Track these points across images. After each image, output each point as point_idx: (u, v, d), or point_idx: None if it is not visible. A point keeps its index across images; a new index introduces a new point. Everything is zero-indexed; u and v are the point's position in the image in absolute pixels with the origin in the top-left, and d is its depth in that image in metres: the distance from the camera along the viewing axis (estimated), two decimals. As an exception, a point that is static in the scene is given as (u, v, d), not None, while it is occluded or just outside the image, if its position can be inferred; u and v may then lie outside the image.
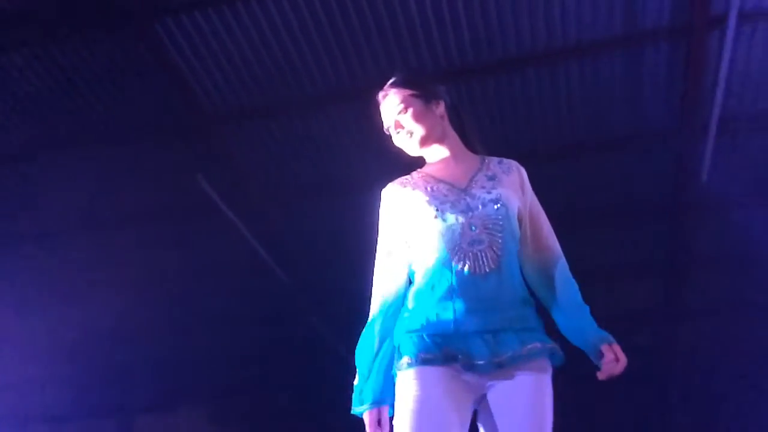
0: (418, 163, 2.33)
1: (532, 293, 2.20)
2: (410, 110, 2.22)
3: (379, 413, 2.10)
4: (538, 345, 2.05)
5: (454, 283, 2.07)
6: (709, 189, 5.56)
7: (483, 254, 2.08)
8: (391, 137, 2.29)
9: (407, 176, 2.26)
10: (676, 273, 6.91)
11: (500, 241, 2.10)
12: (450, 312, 2.05)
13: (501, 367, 2.01)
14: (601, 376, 2.03)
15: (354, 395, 2.14)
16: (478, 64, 4.89)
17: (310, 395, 8.14)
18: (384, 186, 2.28)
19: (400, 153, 2.32)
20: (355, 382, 2.15)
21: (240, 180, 5.76)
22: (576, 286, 2.20)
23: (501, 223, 2.12)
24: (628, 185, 5.97)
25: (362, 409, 2.11)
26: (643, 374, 7.38)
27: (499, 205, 2.14)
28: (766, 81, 4.96)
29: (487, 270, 2.07)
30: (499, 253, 2.09)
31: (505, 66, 4.95)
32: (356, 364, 2.16)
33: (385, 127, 2.29)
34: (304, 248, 6.53)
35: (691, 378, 8.23)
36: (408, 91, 2.25)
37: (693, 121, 5.25)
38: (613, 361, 2.02)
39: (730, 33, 4.36)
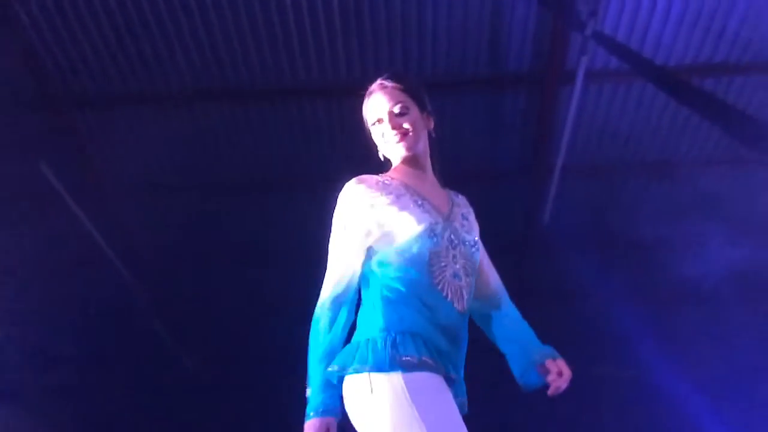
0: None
1: None
2: (411, 113, 2.17)
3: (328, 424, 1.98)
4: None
5: (437, 304, 2.03)
6: (550, 230, 5.94)
7: (460, 292, 2.07)
8: (370, 130, 2.21)
9: (382, 176, 2.16)
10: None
11: (470, 286, 2.11)
12: (435, 327, 2.02)
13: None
14: (550, 392, 2.04)
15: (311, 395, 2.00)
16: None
17: (145, 401, 7.79)
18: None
19: (261, 154, 2.30)
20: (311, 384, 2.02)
21: (89, 168, 5.50)
22: (519, 313, 2.25)
23: (475, 268, 2.14)
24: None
25: (307, 417, 1.98)
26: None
27: (474, 250, 2.15)
28: (609, 135, 5.40)
29: (460, 310, 2.06)
30: (466, 297, 2.09)
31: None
32: (310, 371, 2.04)
33: (374, 117, 2.19)
34: (153, 245, 6.30)
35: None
36: (410, 95, 2.20)
37: (541, 164, 5.61)
38: (558, 374, 2.04)
39: (578, 88, 4.71)
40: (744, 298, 5.94)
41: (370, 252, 2.09)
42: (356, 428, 1.97)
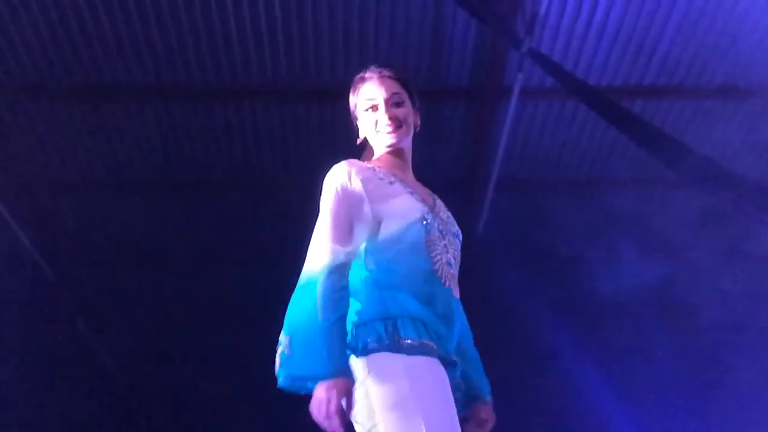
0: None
1: None
2: (406, 105, 2.17)
3: (348, 385, 1.83)
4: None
5: (436, 291, 2.01)
6: (482, 242, 6.04)
7: (455, 280, 2.08)
8: (358, 115, 2.19)
9: (367, 164, 2.14)
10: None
11: (456, 277, 2.11)
12: (436, 314, 1.98)
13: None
14: None
15: (304, 358, 1.84)
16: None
17: (63, 399, 7.53)
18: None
19: (193, 153, 2.27)
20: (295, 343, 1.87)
21: (10, 162, 5.32)
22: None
23: (459, 259, 2.14)
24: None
25: (329, 377, 1.80)
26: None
27: (459, 242, 2.17)
28: (542, 151, 5.54)
29: (457, 297, 2.07)
30: (457, 287, 2.09)
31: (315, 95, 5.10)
32: (291, 324, 1.90)
33: (368, 103, 2.16)
34: (77, 244, 6.13)
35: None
36: (405, 88, 2.19)
37: (476, 177, 5.70)
38: (480, 424, 2.13)
39: (513, 104, 4.82)
40: (659, 312, 6.19)
41: (364, 235, 2.03)
42: (349, 417, 1.88)
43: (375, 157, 2.20)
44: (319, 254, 1.96)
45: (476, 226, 6.01)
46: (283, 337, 1.90)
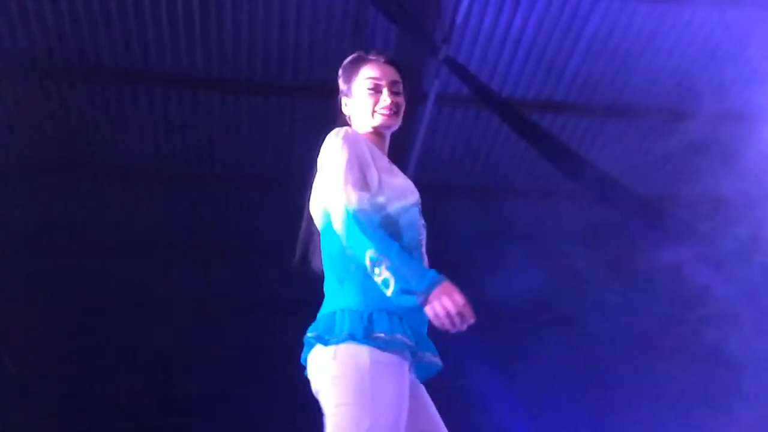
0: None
1: None
2: (402, 96, 2.18)
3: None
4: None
5: None
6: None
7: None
8: (354, 90, 2.16)
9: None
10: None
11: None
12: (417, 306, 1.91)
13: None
14: None
15: (407, 269, 1.79)
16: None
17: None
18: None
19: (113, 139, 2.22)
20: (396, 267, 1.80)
21: None
22: None
23: None
24: (262, 224, 6.19)
25: (440, 279, 1.80)
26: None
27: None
28: (454, 158, 5.66)
29: None
30: None
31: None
32: (379, 244, 1.82)
33: (371, 82, 2.14)
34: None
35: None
36: (403, 81, 2.19)
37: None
38: None
39: (428, 110, 4.91)
40: (551, 320, 6.43)
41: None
42: (316, 396, 1.93)
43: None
44: (348, 192, 1.90)
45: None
46: (375, 255, 1.82)
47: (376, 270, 1.82)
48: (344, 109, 2.20)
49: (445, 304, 1.79)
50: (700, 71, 4.96)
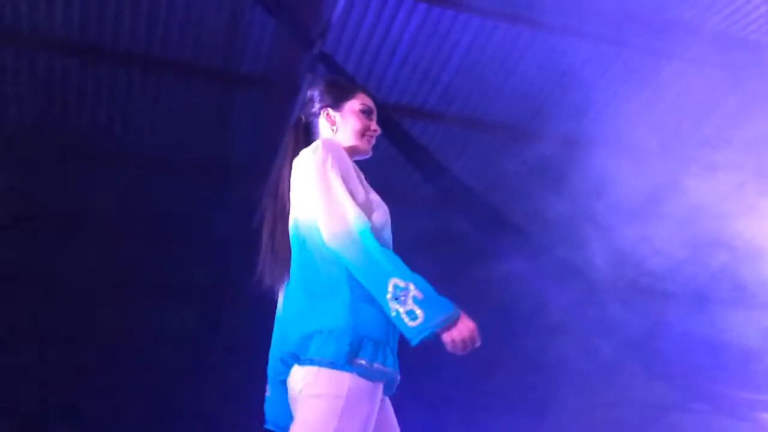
0: None
1: None
2: None
3: None
4: None
5: None
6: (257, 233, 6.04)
7: None
8: (347, 107, 2.36)
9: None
10: (215, 301, 7.27)
11: None
12: (393, 330, 1.98)
13: None
14: None
15: (434, 301, 1.85)
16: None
17: None
18: None
19: None
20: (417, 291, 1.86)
21: None
22: None
23: None
24: (192, 211, 6.22)
25: (457, 309, 1.89)
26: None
27: None
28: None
29: None
30: None
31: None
32: (403, 272, 1.88)
33: (368, 109, 2.38)
34: None
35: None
36: None
37: (265, 168, 5.70)
38: None
39: (299, 103, 4.90)
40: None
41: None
42: (295, 408, 1.95)
43: None
44: (348, 213, 1.94)
45: (253, 219, 6.03)
46: (402, 284, 1.85)
47: (401, 298, 1.83)
48: (324, 119, 2.34)
49: (463, 333, 1.86)
50: (549, 95, 5.18)
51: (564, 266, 4.94)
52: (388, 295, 1.84)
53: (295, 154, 2.24)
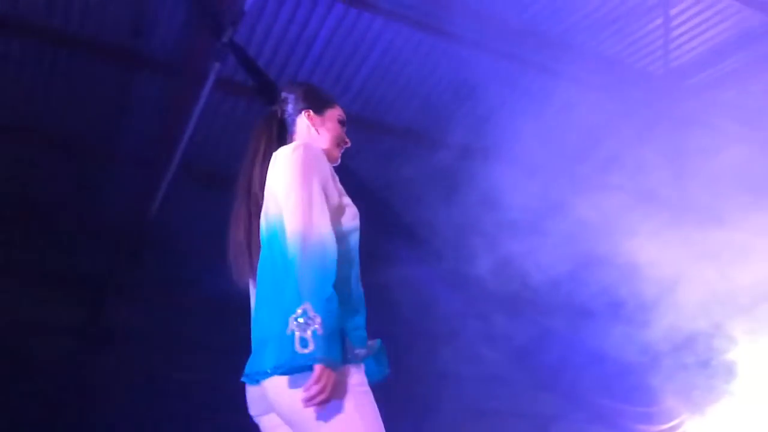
0: None
1: None
2: None
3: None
4: None
5: (362, 294, 2.13)
6: (155, 222, 5.87)
7: None
8: (327, 114, 2.37)
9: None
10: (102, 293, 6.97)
11: None
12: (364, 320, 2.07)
13: None
14: None
15: (328, 343, 1.86)
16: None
17: None
18: None
19: None
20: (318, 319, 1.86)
21: None
22: None
23: None
24: (90, 201, 5.96)
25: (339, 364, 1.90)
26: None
27: None
28: (224, 146, 5.56)
29: None
30: None
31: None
32: (318, 303, 1.86)
33: (342, 120, 2.40)
34: None
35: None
36: None
37: (160, 157, 5.55)
38: None
39: (206, 91, 4.79)
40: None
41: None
42: (295, 418, 1.92)
43: None
44: (313, 219, 1.96)
45: (152, 207, 5.85)
46: (311, 312, 1.85)
47: (303, 325, 1.84)
48: (306, 119, 2.32)
49: (327, 385, 1.84)
50: (451, 105, 5.31)
51: (453, 275, 5.04)
52: (293, 315, 1.87)
53: (268, 149, 2.25)
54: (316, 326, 1.84)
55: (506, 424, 7.45)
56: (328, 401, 1.85)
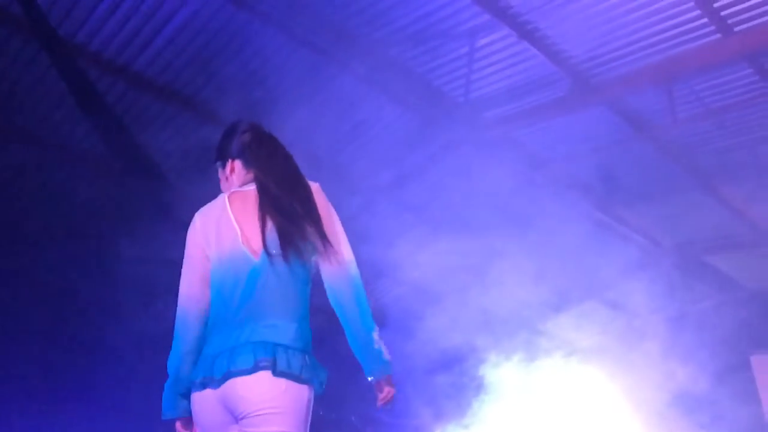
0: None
1: None
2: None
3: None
4: None
5: None
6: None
7: None
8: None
9: None
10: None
11: None
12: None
13: None
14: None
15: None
16: None
17: None
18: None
19: None
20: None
21: None
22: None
23: None
24: None
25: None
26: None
27: None
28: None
29: None
30: None
31: None
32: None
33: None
34: None
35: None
36: None
37: None
38: None
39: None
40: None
41: (313, 262, 2.29)
42: (283, 419, 2.08)
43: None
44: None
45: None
46: (377, 335, 2.26)
47: (380, 340, 2.26)
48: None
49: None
50: (252, 87, 5.02)
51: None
52: (374, 337, 2.27)
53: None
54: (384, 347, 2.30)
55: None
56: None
